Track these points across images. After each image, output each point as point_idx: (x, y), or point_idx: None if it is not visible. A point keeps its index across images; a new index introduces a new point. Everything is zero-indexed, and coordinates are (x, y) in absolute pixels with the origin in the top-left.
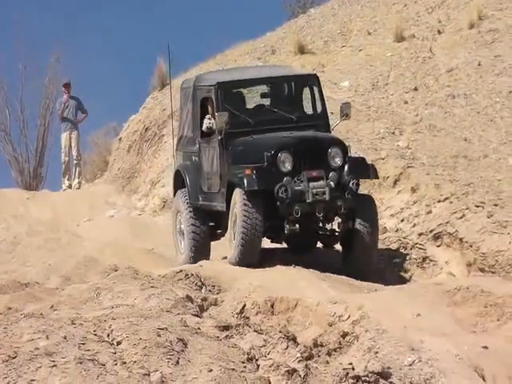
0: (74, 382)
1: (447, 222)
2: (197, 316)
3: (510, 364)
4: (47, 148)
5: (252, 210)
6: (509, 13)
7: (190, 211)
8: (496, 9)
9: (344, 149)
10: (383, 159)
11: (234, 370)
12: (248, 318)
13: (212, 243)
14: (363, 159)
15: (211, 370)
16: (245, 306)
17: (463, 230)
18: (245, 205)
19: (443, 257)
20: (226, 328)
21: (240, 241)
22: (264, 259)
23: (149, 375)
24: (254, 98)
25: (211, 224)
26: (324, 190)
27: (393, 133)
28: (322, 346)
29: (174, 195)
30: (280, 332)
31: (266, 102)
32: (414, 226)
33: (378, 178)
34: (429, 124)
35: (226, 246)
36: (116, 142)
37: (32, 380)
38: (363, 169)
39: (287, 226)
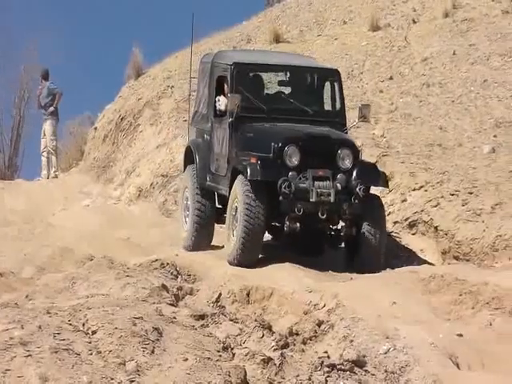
0: (49, 371)
1: (422, 211)
2: (172, 305)
3: (484, 351)
4: (22, 138)
5: (254, 200)
6: (483, 2)
7: (197, 189)
8: None
9: (355, 151)
10: (359, 148)
11: (209, 358)
12: (223, 306)
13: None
14: (374, 165)
15: (186, 359)
16: (220, 294)
17: (438, 218)
18: (247, 196)
19: (418, 245)
20: (202, 317)
21: (242, 228)
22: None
23: (124, 364)
24: (273, 84)
25: (218, 206)
26: (329, 191)
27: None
28: (297, 334)
29: (184, 170)
30: (255, 321)
31: (285, 90)
32: (389, 214)
33: (387, 187)
34: (404, 113)
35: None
36: (91, 131)
37: (7, 369)
38: (373, 175)
39: (287, 222)
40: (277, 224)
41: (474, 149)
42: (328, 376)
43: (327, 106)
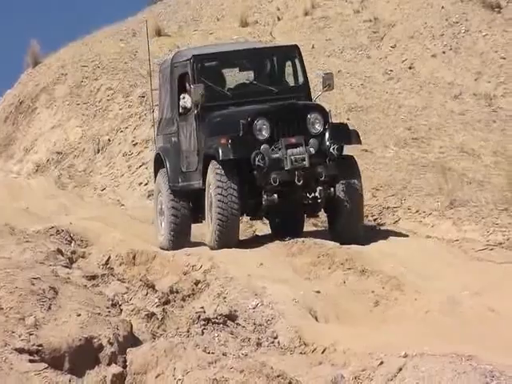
0: None
1: None
2: (67, 267)
3: (338, 305)
4: None
5: (226, 181)
6: (338, 2)
7: (171, 193)
8: None
9: (324, 115)
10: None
11: (99, 314)
12: (112, 268)
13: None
14: (345, 125)
15: (79, 315)
16: (109, 258)
17: None
18: (218, 180)
19: None
20: (93, 277)
21: (216, 214)
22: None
23: (24, 319)
24: (235, 76)
25: (192, 206)
26: (303, 156)
27: None
28: (177, 292)
29: (155, 177)
30: (140, 280)
31: (247, 74)
32: None
33: (360, 144)
34: None
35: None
36: None
37: None
38: (345, 134)
39: (265, 196)
40: (254, 200)
41: None
42: (204, 328)
43: (291, 83)
